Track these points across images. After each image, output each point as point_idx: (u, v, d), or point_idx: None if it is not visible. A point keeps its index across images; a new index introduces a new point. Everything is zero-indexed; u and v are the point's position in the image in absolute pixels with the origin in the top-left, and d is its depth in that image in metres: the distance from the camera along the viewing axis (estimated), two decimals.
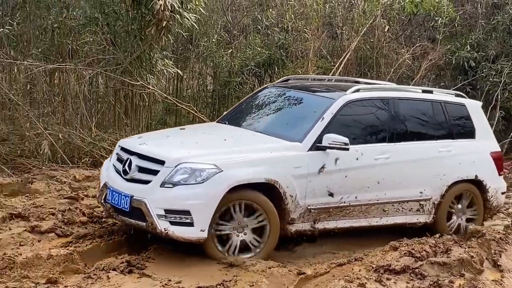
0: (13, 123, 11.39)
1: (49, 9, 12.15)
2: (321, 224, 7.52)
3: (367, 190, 7.75)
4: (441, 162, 8.34)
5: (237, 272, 6.74)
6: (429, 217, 8.34)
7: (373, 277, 6.65)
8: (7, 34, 11.45)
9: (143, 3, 11.12)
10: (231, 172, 6.82)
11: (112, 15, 11.96)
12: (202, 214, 6.65)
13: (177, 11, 10.88)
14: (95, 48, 12.45)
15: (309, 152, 7.33)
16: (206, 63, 15.06)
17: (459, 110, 8.79)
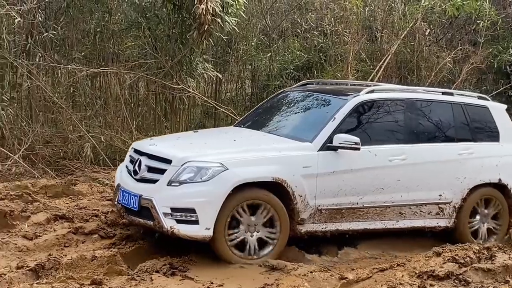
0: (56, 126, 11.57)
1: (92, 13, 12.30)
2: (333, 225, 7.46)
3: (381, 191, 7.67)
4: (461, 165, 8.21)
5: (278, 275, 6.76)
6: (449, 221, 8.20)
7: (417, 283, 6.64)
8: (51, 38, 11.57)
9: (184, 7, 11.23)
10: (237, 170, 6.84)
11: (154, 20, 12.06)
12: (207, 212, 6.67)
13: (218, 15, 10.92)
14: (137, 52, 12.66)
15: (320, 152, 7.30)
16: (245, 67, 15.11)
17: (482, 112, 8.68)
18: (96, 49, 12.54)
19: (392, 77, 14.76)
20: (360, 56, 14.91)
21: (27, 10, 11.05)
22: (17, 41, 11.71)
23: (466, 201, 8.20)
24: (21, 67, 11.23)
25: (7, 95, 11.15)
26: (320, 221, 7.35)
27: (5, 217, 7.57)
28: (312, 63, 15.00)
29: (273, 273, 6.84)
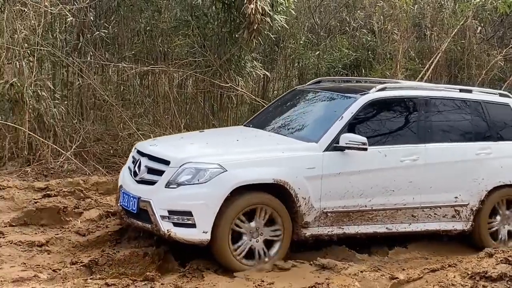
0: (107, 123, 11.75)
1: (142, 12, 12.46)
2: (340, 228, 7.21)
3: (391, 193, 7.39)
4: (479, 165, 7.87)
5: (329, 275, 6.77)
6: (466, 224, 7.86)
7: (469, 284, 6.59)
8: (102, 37, 11.76)
9: (234, 6, 11.27)
10: (235, 172, 6.60)
11: (203, 18, 12.14)
12: (204, 215, 6.44)
13: (268, 14, 10.95)
14: (186, 50, 12.74)
15: (325, 152, 7.05)
16: (292, 65, 15.14)
17: (503, 110, 8.33)
18: (145, 48, 12.66)
19: (442, 76, 14.69)
20: (409, 54, 14.82)
21: (78, 9, 11.27)
22: (68, 40, 11.93)
23: (484, 203, 7.88)
24: (73, 65, 11.42)
25: (59, 93, 11.31)
26: (326, 224, 7.10)
27: (58, 214, 7.76)
28: (361, 61, 14.99)
29: (324, 272, 6.84)
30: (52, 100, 10.63)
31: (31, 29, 10.51)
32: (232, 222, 6.54)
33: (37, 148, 10.23)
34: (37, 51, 10.61)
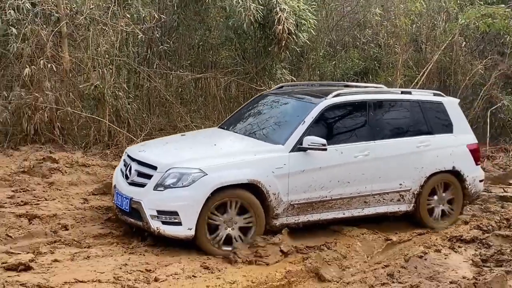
0: (168, 117, 11.87)
1: (196, 30, 12.55)
2: (305, 217, 6.85)
3: (348, 185, 7.02)
4: (419, 156, 7.53)
5: (336, 236, 6.93)
6: (409, 206, 7.51)
7: (447, 244, 6.68)
8: (165, 50, 11.96)
9: (267, 26, 11.31)
10: (215, 175, 6.24)
11: (243, 36, 12.22)
12: (189, 214, 6.12)
13: (293, 33, 11.06)
14: (230, 61, 12.86)
15: (291, 153, 6.69)
16: (314, 72, 15.13)
17: (437, 107, 7.92)
18: (199, 59, 12.77)
19: (433, 81, 14.55)
20: (408, 64, 14.76)
21: (147, 28, 11.44)
22: (139, 52, 12.09)
23: (423, 187, 7.55)
24: (143, 72, 11.65)
25: (132, 93, 11.52)
26: (293, 214, 6.75)
27: None
28: (368, 69, 14.95)
29: (333, 234, 7.04)
30: (127, 99, 10.86)
31: (111, 43, 10.73)
32: (206, 217, 6.21)
33: (115, 135, 10.43)
34: (115, 61, 10.84)
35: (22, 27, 9.97)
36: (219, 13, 12.55)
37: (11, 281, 4.92)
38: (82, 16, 10.44)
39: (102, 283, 5.10)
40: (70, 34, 10.60)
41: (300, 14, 11.32)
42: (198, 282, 5.45)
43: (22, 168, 8.43)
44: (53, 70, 10.11)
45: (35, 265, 5.32)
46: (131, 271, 5.45)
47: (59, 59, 10.40)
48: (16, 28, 9.96)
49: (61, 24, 10.30)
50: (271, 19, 11.05)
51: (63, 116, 10.33)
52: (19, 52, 10.09)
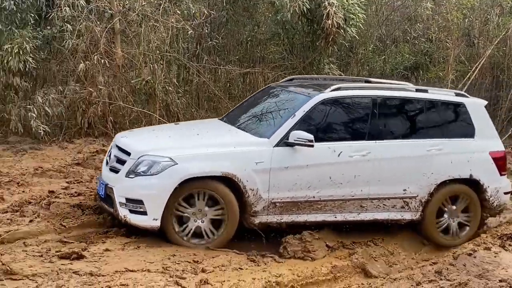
0: (217, 112, 11.92)
1: (245, 26, 12.65)
2: (290, 217, 6.36)
3: (340, 186, 6.44)
4: (429, 161, 6.77)
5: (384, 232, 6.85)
6: (415, 215, 6.81)
7: (497, 242, 6.56)
8: (214, 46, 12.09)
9: (315, 21, 11.32)
10: (185, 165, 5.90)
11: (291, 31, 12.24)
12: (154, 204, 5.84)
13: (342, 27, 10.98)
14: (277, 56, 12.87)
15: (276, 148, 6.21)
16: (363, 67, 14.99)
17: (457, 109, 7.13)
18: (247, 54, 12.84)
19: (486, 76, 14.23)
20: (459, 59, 14.43)
21: (197, 24, 11.59)
22: (189, 48, 12.28)
23: (433, 196, 6.81)
24: (192, 67, 11.80)
25: (182, 88, 11.64)
26: (275, 213, 6.28)
27: None
28: (419, 64, 14.72)
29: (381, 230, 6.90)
30: (176, 94, 11.05)
31: (162, 39, 10.92)
32: (173, 209, 5.93)
33: None
34: (166, 56, 11.04)
35: (77, 24, 10.28)
36: (267, 8, 12.59)
37: (65, 269, 5.09)
38: (135, 12, 10.67)
39: (151, 272, 5.22)
40: (123, 30, 10.85)
41: (348, 9, 11.25)
42: (244, 274, 5.52)
43: (76, 160, 8.71)
44: (106, 65, 10.39)
45: (88, 254, 5.48)
46: (179, 261, 5.55)
47: (112, 54, 10.67)
48: (71, 24, 10.27)
49: (114, 20, 10.56)
50: (319, 14, 11.04)
51: (115, 110, 10.59)
52: (74, 48, 10.41)
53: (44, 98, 10.10)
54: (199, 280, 5.17)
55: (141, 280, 5.01)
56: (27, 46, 10.24)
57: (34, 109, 9.88)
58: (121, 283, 4.88)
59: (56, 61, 11.04)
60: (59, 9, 10.31)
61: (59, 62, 10.99)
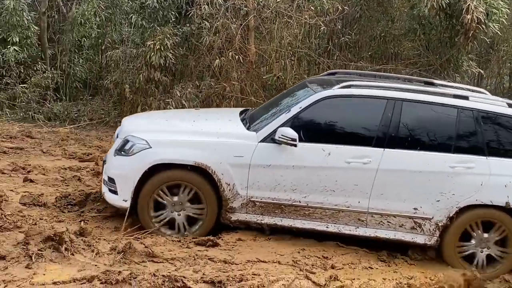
0: None
1: (378, 22, 12.52)
2: (272, 219, 5.90)
3: (332, 194, 5.80)
4: (451, 179, 5.76)
5: None
6: (430, 239, 5.87)
7: None
8: (346, 42, 12.08)
9: (454, 16, 10.95)
10: (158, 150, 5.74)
11: (428, 26, 11.92)
12: (124, 185, 5.76)
13: (483, 23, 10.49)
14: (412, 52, 12.57)
15: (261, 143, 5.79)
16: (504, 65, 14.23)
17: (505, 123, 5.97)
18: (379, 50, 12.69)
19: None
20: None
21: (329, 20, 11.66)
22: (320, 44, 12.40)
23: (453, 220, 5.82)
24: (323, 63, 11.87)
25: None
26: (255, 213, 5.89)
27: None
28: None
29: None
30: None
31: (294, 36, 11.14)
32: (153, 193, 5.77)
33: None
34: (297, 52, 11.23)
35: (214, 21, 10.77)
36: (402, 3, 12.36)
37: (201, 255, 5.38)
38: (269, 9, 10.95)
39: (281, 264, 5.36)
40: (257, 27, 11.19)
41: (491, 3, 10.72)
42: (374, 273, 5.49)
43: None
44: (240, 61, 10.79)
45: (222, 242, 5.74)
46: (308, 256, 5.64)
47: (245, 51, 11.04)
48: (209, 22, 10.78)
49: (249, 18, 10.91)
50: (458, 8, 10.64)
51: (247, 105, 10.91)
52: (211, 44, 10.91)
53: (182, 92, 10.71)
54: (329, 276, 5.21)
55: (272, 271, 5.16)
56: (167, 43, 10.93)
57: (172, 102, 10.51)
58: (253, 272, 5.06)
59: (193, 57, 11.63)
60: (198, 7, 10.87)
61: (196, 58, 11.56)
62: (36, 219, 5.80)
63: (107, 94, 12.49)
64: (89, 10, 12.68)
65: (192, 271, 4.98)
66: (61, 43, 13.19)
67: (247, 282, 4.80)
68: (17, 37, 12.19)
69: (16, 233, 5.33)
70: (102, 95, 12.74)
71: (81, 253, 5.07)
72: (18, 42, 12.21)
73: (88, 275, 4.58)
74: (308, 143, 5.80)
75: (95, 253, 5.10)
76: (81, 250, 5.11)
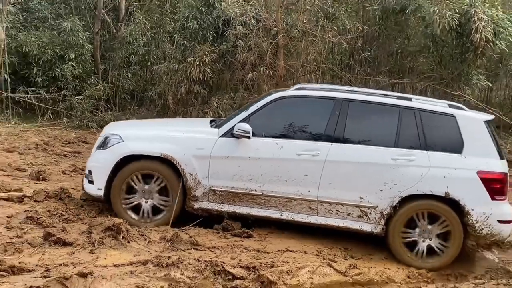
0: None
1: (395, 39, 12.65)
2: (231, 207, 6.00)
3: (284, 183, 5.88)
4: (393, 170, 5.75)
5: None
6: (376, 227, 5.83)
7: None
8: (365, 58, 12.29)
9: (464, 34, 11.05)
10: (129, 144, 6.00)
11: (440, 44, 12.02)
12: (99, 175, 6.01)
13: (491, 41, 10.62)
14: (426, 67, 12.71)
15: (221, 138, 5.97)
16: None
17: (445, 121, 5.92)
18: (396, 65, 12.86)
19: None
20: None
21: (351, 38, 11.90)
22: (342, 60, 12.64)
23: (397, 209, 5.78)
24: (344, 77, 12.09)
25: None
26: (216, 201, 6.01)
27: None
28: None
29: None
30: None
31: (318, 52, 11.42)
32: (125, 181, 5.98)
33: None
34: (321, 67, 11.51)
35: (248, 40, 11.10)
36: (417, 22, 12.50)
37: (237, 244, 5.67)
38: (296, 29, 11.25)
39: (307, 254, 5.62)
40: (285, 45, 11.48)
41: (498, 23, 10.83)
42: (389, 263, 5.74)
43: None
44: (270, 75, 11.09)
45: (255, 234, 6.03)
46: (331, 247, 5.88)
47: (275, 66, 11.35)
48: (243, 40, 11.12)
49: (279, 37, 11.22)
50: (468, 28, 10.76)
51: None
52: (244, 60, 11.25)
53: (218, 103, 11.09)
54: (349, 264, 5.46)
55: (299, 259, 5.43)
56: (206, 59, 11.33)
57: (210, 112, 10.89)
58: (283, 260, 5.32)
59: (228, 71, 12.00)
60: (233, 27, 11.23)
61: (231, 73, 11.93)
62: (96, 213, 6.19)
63: (151, 104, 12.95)
64: (136, 30, 13.16)
65: (230, 258, 5.25)
66: (112, 59, 13.70)
67: (277, 268, 5.05)
68: (73, 54, 12.74)
69: (80, 224, 5.72)
70: (147, 105, 13.20)
71: (136, 241, 5.41)
72: (74, 59, 12.77)
73: (143, 259, 4.90)
74: (262, 137, 5.99)
75: (148, 241, 5.44)
76: (136, 239, 5.44)
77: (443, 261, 5.78)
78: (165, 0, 14.06)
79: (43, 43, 12.71)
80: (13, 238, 5.17)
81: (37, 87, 12.56)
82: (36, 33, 12.97)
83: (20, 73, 12.85)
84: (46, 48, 12.69)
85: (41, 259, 4.76)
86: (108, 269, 4.66)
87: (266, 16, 11.24)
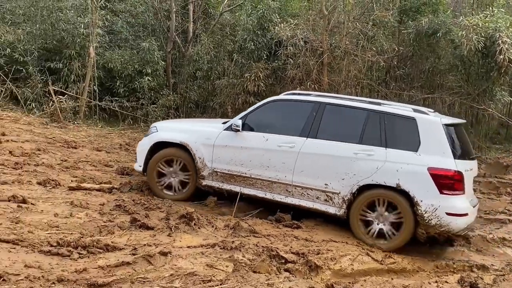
0: None
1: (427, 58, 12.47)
2: (228, 186, 6.60)
3: (267, 169, 6.34)
4: (353, 163, 5.94)
5: None
6: (339, 210, 6.04)
7: None
8: (400, 74, 12.22)
9: (489, 55, 10.87)
10: (161, 133, 6.93)
11: (467, 63, 11.85)
12: (140, 156, 6.97)
13: None
14: (454, 84, 12.52)
15: (224, 131, 6.66)
16: None
17: (406, 123, 5.95)
18: (428, 81, 12.69)
19: None
20: None
21: (387, 58, 11.87)
22: (379, 76, 12.60)
23: (356, 196, 5.95)
24: (381, 91, 12.08)
25: None
26: (218, 180, 6.64)
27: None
28: None
29: None
30: None
31: (358, 70, 11.46)
32: (156, 166, 6.83)
33: None
34: (361, 83, 11.52)
35: (297, 58, 11.26)
36: (447, 44, 12.33)
37: (288, 234, 5.83)
38: (339, 49, 11.33)
39: (348, 244, 5.73)
40: (329, 63, 11.58)
41: None
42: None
43: None
44: (315, 89, 11.18)
45: (303, 225, 6.17)
46: None
47: (320, 81, 11.45)
48: (293, 59, 11.29)
49: (324, 56, 11.34)
50: (493, 50, 10.58)
51: None
52: (293, 76, 11.41)
53: None
54: (385, 254, 5.55)
55: (341, 248, 5.54)
56: (260, 75, 11.56)
57: None
58: (327, 248, 5.45)
59: (279, 85, 12.17)
60: (284, 48, 11.41)
61: (281, 87, 12.08)
62: (171, 203, 6.46)
63: (213, 112, 13.25)
64: (201, 50, 13.52)
65: (282, 244, 5.42)
66: (181, 74, 14.10)
67: (323, 255, 5.19)
68: (149, 70, 13.18)
69: (158, 212, 6.01)
70: (209, 113, 13.52)
71: (205, 227, 5.65)
72: (150, 74, 13.19)
73: (211, 243, 5.12)
74: (254, 131, 6.56)
75: (214, 228, 5.68)
76: (205, 226, 5.69)
77: (390, 245, 5.81)
78: (226, 24, 14.35)
79: (125, 60, 13.18)
80: (106, 222, 5.48)
81: (119, 97, 13.04)
82: (119, 51, 13.48)
83: (105, 85, 13.37)
84: (127, 64, 13.15)
85: (129, 239, 5.02)
86: (183, 249, 4.89)
87: (313, 38, 11.37)
